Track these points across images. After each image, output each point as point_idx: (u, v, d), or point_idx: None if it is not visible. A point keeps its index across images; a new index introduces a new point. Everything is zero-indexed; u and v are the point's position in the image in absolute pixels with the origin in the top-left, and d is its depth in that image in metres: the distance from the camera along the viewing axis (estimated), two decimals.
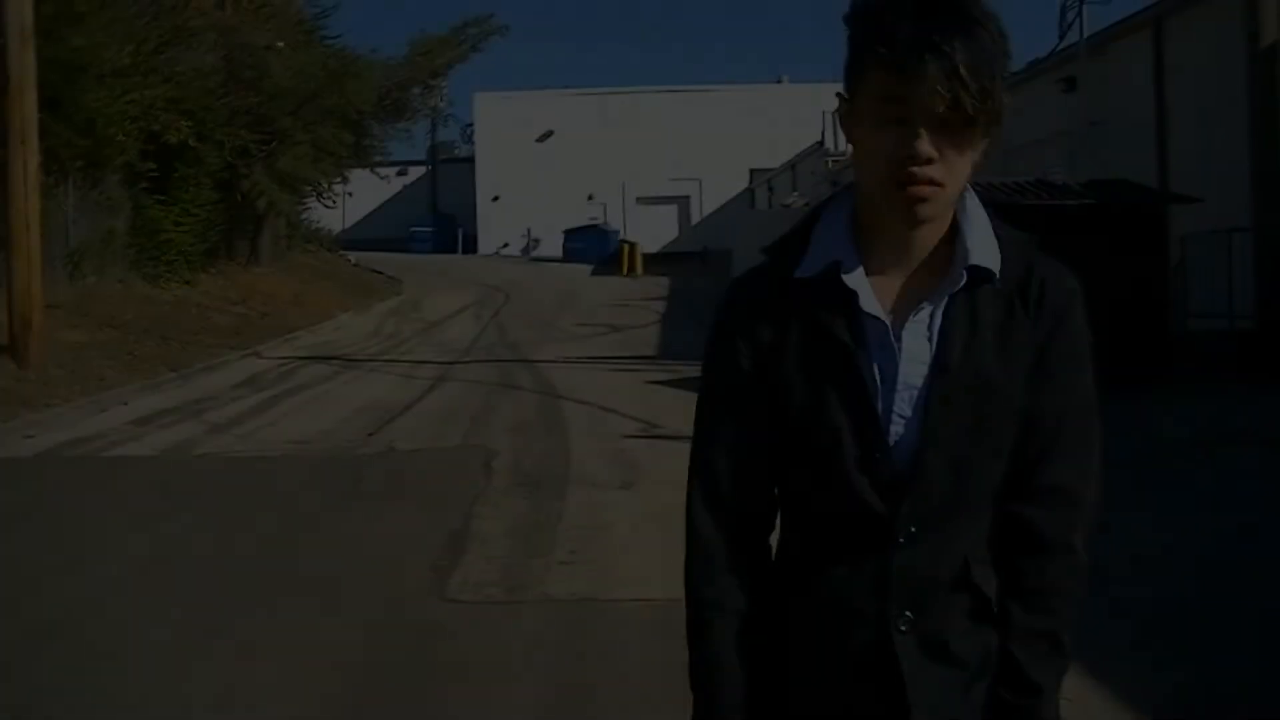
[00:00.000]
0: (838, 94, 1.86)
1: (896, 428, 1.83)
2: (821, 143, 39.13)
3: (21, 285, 15.26)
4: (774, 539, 1.98)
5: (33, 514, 9.42)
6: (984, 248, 1.85)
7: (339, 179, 34.43)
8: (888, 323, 1.84)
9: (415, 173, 63.81)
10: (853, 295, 1.84)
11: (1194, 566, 7.18)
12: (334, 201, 36.56)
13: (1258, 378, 14.35)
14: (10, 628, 6.47)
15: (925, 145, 1.72)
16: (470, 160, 59.77)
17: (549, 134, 56.60)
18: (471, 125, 59.71)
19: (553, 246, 52.82)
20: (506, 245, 56.38)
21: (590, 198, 56.15)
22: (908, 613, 1.83)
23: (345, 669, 5.84)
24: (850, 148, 1.88)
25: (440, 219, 59.50)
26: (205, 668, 5.82)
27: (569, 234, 51.40)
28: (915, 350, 1.83)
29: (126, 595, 7.05)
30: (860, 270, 1.86)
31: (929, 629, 1.84)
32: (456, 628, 6.41)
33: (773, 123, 51.51)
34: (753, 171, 54.43)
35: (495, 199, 56.54)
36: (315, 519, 9.02)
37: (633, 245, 45.40)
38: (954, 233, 1.86)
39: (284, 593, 7.08)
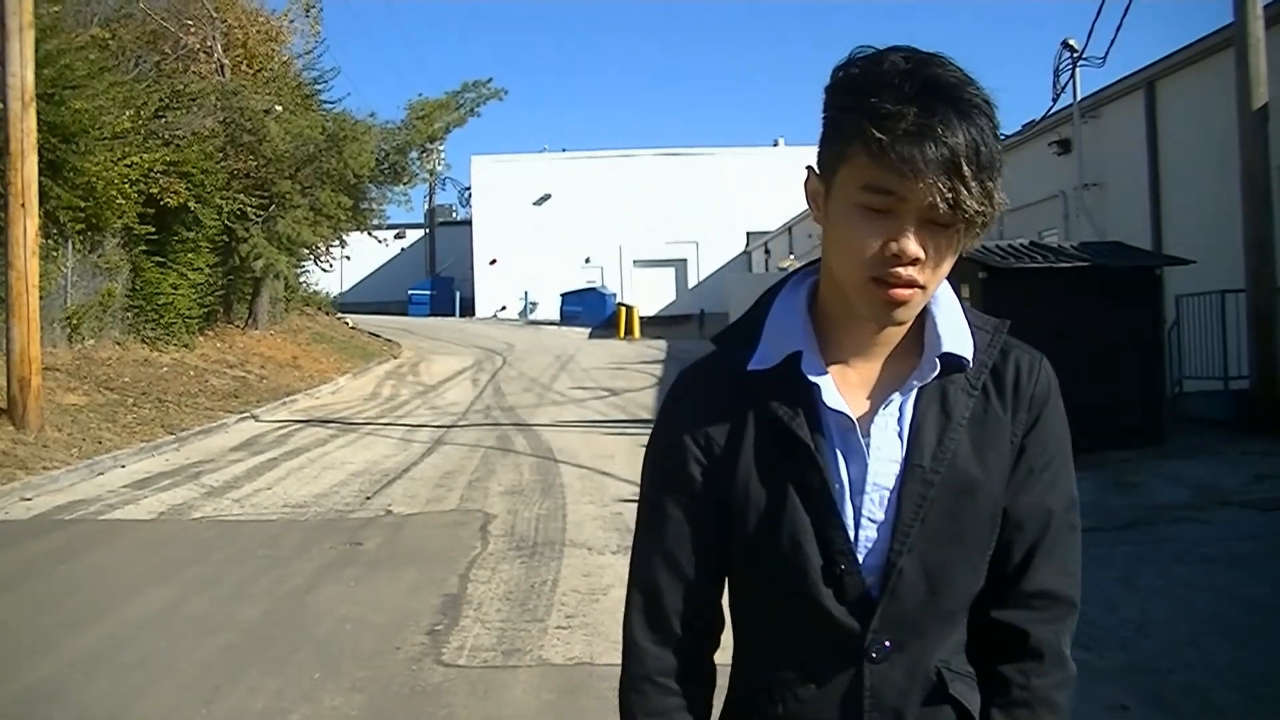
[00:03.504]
0: (809, 168, 1.68)
1: (867, 532, 1.65)
2: None
3: (20, 347, 15.30)
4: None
5: (29, 577, 9.39)
6: (955, 334, 1.70)
7: (337, 242, 34.59)
8: (853, 418, 1.67)
9: (413, 236, 64.32)
10: (815, 389, 1.67)
11: (1188, 633, 7.14)
12: (331, 265, 36.71)
13: (1252, 439, 14.35)
14: (7, 691, 6.45)
15: (913, 245, 1.55)
16: (468, 223, 60.11)
17: (546, 197, 56.94)
18: (469, 188, 60.10)
19: (550, 309, 53.01)
20: (504, 308, 56.58)
21: (587, 260, 56.44)
22: None
23: None
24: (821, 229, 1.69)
25: (438, 282, 59.83)
26: None
27: (566, 297, 51.54)
28: (885, 447, 1.67)
29: (123, 659, 7.02)
30: (821, 362, 1.70)
31: None
32: (453, 692, 6.39)
33: (769, 186, 51.86)
34: (749, 234, 54.74)
35: (493, 262, 56.77)
36: (312, 583, 8.99)
37: (630, 308, 45.51)
38: (922, 318, 1.70)
39: (280, 657, 7.06)
